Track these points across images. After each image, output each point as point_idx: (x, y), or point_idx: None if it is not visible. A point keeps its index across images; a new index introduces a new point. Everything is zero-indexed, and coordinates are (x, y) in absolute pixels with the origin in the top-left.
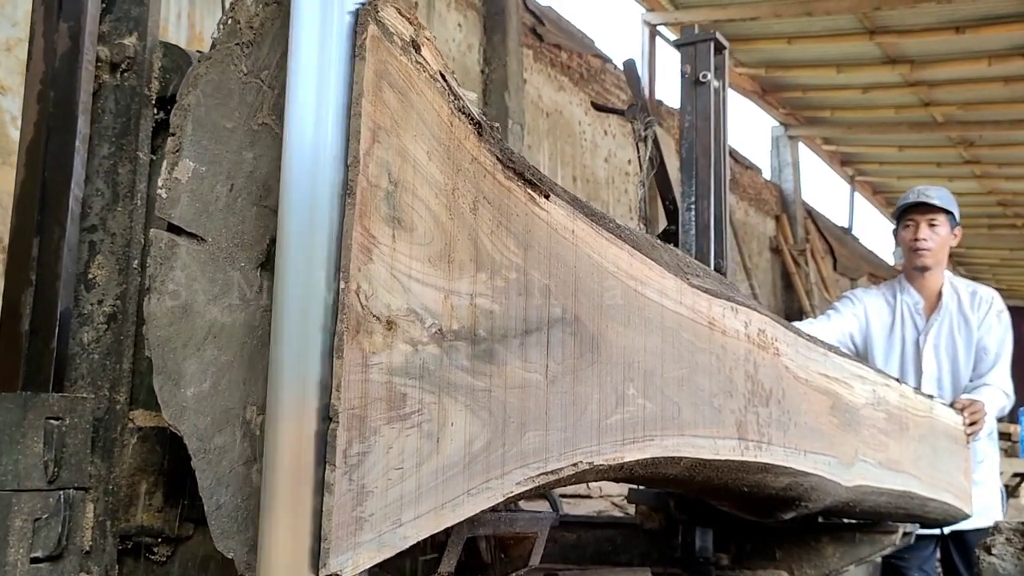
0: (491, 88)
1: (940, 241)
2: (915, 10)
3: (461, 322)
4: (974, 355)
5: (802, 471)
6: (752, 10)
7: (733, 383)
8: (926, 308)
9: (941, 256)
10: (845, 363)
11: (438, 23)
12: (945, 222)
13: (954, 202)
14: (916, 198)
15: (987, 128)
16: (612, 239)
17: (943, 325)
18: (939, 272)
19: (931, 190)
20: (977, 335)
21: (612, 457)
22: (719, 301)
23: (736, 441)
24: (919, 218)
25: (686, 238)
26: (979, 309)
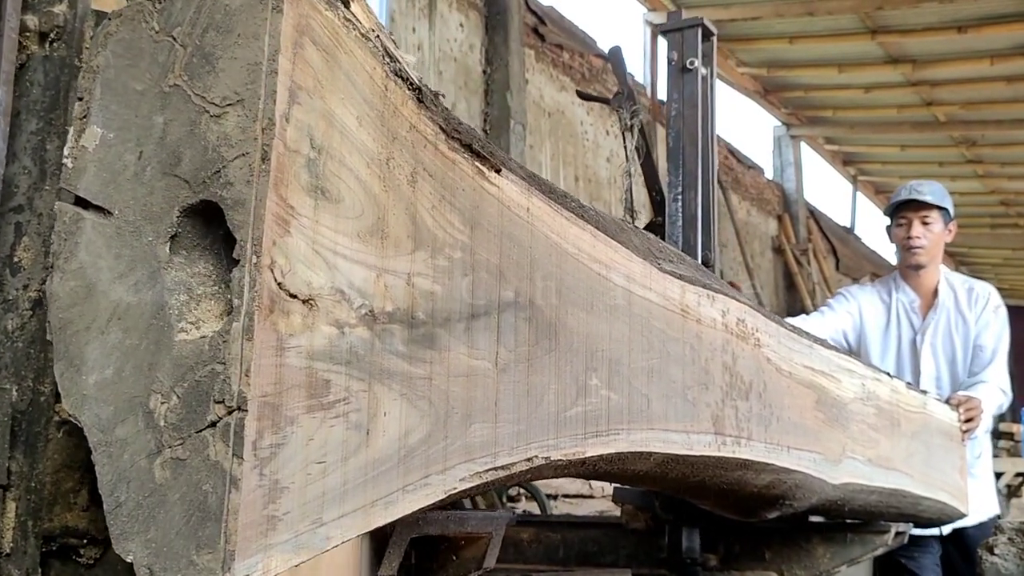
0: (493, 88)
1: (934, 238)
2: (917, 10)
3: (397, 303)
4: (971, 352)
5: (785, 468)
6: (754, 10)
7: (709, 375)
8: (922, 306)
9: (936, 253)
10: (832, 356)
11: (440, 23)
12: (939, 218)
13: (947, 197)
14: (908, 195)
15: (989, 128)
16: (573, 219)
17: (940, 324)
18: (934, 269)
19: (923, 186)
20: (974, 332)
21: (572, 452)
22: (693, 288)
23: (712, 436)
24: (912, 215)
25: (672, 230)
26: (976, 305)
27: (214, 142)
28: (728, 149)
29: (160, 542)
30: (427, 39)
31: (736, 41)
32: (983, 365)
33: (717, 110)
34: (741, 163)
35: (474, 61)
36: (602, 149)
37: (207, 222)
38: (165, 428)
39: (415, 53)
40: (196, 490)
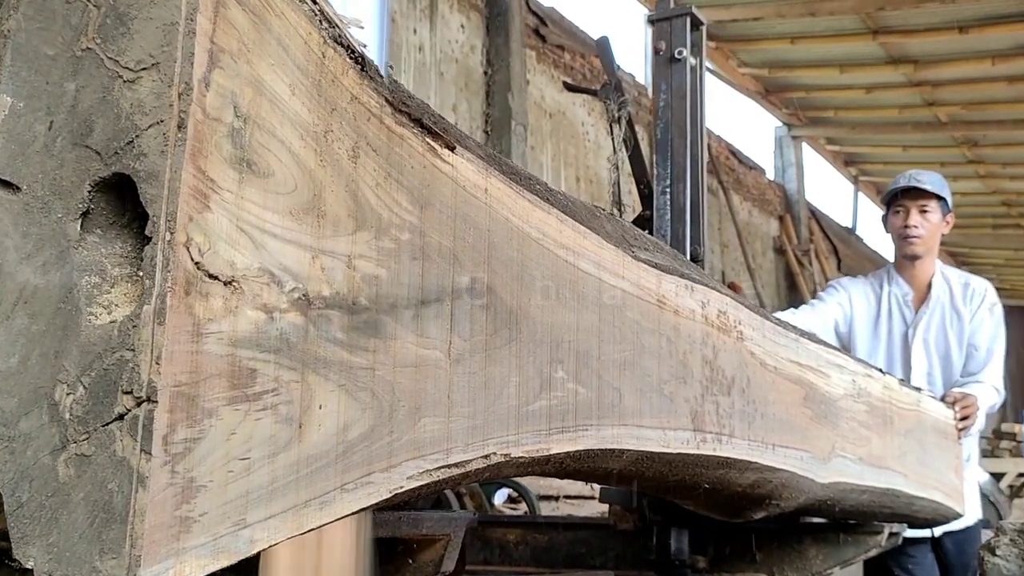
0: (494, 89)
1: (931, 228)
2: (918, 10)
3: (335, 288)
4: (965, 350)
5: (770, 467)
6: (755, 10)
7: (688, 368)
8: (915, 300)
9: (932, 244)
10: (821, 350)
11: (441, 24)
12: (937, 208)
13: (946, 187)
14: (907, 183)
15: (991, 128)
16: (537, 202)
17: (933, 318)
18: (930, 261)
19: (923, 174)
20: (969, 329)
21: (535, 449)
22: (671, 277)
23: (691, 433)
24: (909, 204)
25: (661, 223)
26: (971, 302)
27: (127, 110)
28: (729, 149)
29: (62, 546)
30: (428, 40)
31: (737, 41)
32: (979, 365)
33: (707, 101)
34: (742, 164)
35: (475, 62)
36: (603, 150)
37: (122, 197)
38: (70, 422)
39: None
40: (101, 489)
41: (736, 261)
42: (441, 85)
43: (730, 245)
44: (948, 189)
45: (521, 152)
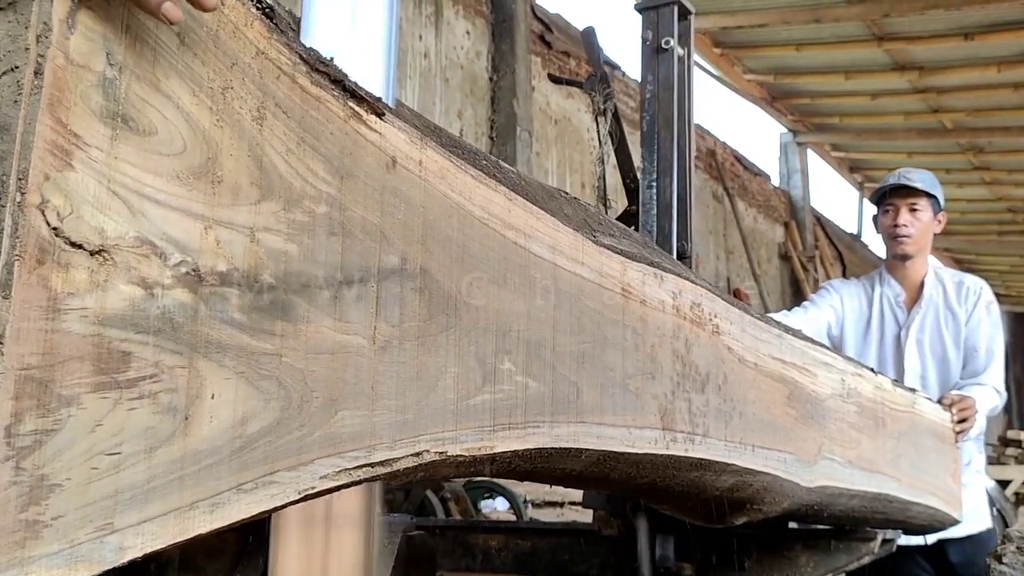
0: (499, 95)
1: (922, 227)
2: (924, 17)
3: (234, 263)
4: (963, 352)
5: (750, 469)
6: (760, 17)
7: (656, 363)
8: (907, 300)
9: (924, 243)
10: (807, 347)
11: (446, 30)
12: (928, 206)
13: (938, 185)
14: (896, 181)
15: (996, 134)
16: (482, 178)
17: (927, 319)
18: (922, 261)
19: (912, 172)
20: (965, 330)
21: (477, 447)
22: (637, 265)
23: (660, 432)
24: (899, 202)
25: (647, 218)
26: (966, 301)
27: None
28: (735, 156)
29: None
30: (434, 46)
31: (743, 48)
32: (979, 366)
33: (695, 93)
34: (748, 170)
35: (480, 68)
36: (609, 156)
37: None
38: None
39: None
40: None
41: (741, 267)
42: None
43: (735, 251)
44: (939, 187)
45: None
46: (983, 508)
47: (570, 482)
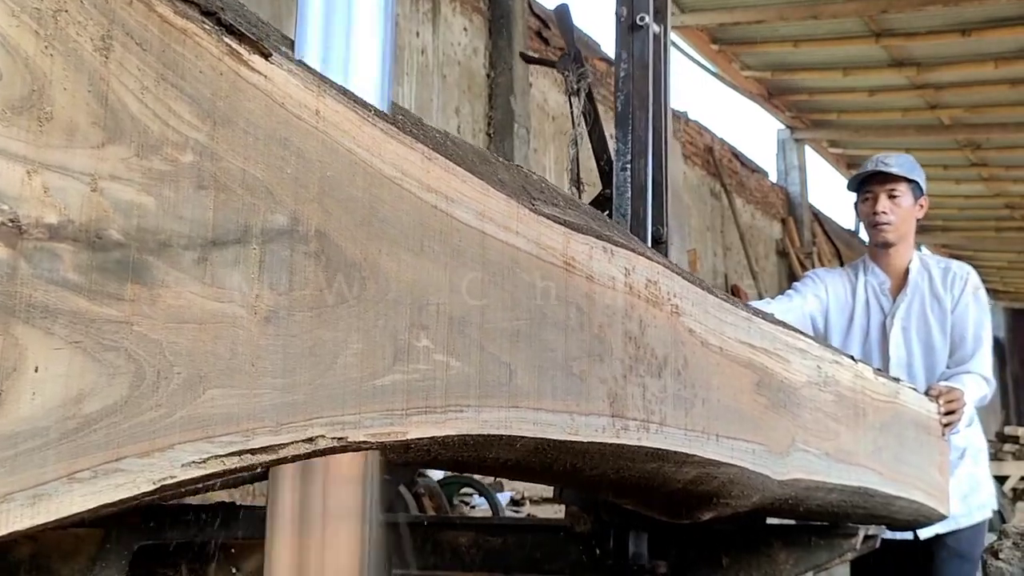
0: (497, 92)
1: (903, 214)
2: (921, 13)
3: (67, 214)
4: (950, 339)
5: (714, 460)
6: (758, 13)
7: (605, 344)
8: (892, 288)
9: (905, 230)
10: (779, 332)
11: (443, 27)
12: (907, 192)
13: (918, 169)
14: (873, 167)
15: (994, 131)
16: (395, 133)
17: (913, 306)
18: (906, 248)
19: (890, 157)
20: (952, 318)
21: (385, 432)
22: (583, 237)
23: (609, 419)
24: (877, 189)
25: (621, 201)
26: (953, 287)
27: None
28: (732, 152)
29: None
30: (431, 43)
31: (740, 45)
32: (967, 354)
33: (671, 72)
34: (745, 166)
35: (478, 65)
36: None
37: None
38: None
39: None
40: None
41: (739, 264)
42: (444, 88)
43: (733, 248)
44: (920, 171)
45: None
46: (988, 496)
47: (509, 473)
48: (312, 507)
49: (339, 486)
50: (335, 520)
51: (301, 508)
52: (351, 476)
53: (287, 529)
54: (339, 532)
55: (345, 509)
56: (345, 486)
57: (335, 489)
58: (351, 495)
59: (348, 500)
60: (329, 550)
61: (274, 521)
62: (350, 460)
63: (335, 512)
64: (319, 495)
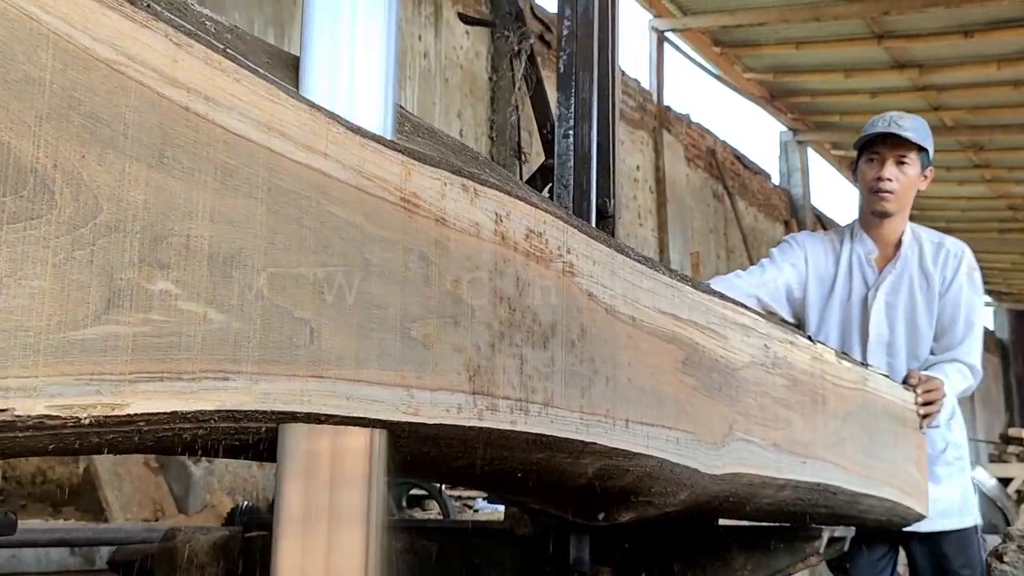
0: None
1: (908, 183)
2: (923, 14)
3: None
4: (937, 321)
5: (622, 450)
6: (760, 15)
7: (463, 304)
8: (879, 260)
9: (906, 201)
10: (713, 304)
11: (446, 31)
12: (916, 161)
13: (930, 135)
14: (886, 127)
15: (996, 132)
16: (119, 5)
17: (901, 280)
18: (901, 219)
19: (905, 119)
20: (942, 301)
21: (85, 404)
22: (432, 171)
23: (468, 397)
24: (887, 153)
25: (562, 171)
26: (945, 265)
27: None
28: (735, 155)
29: None
30: (433, 46)
31: (742, 47)
32: (955, 340)
33: (620, 31)
34: (748, 169)
35: (480, 68)
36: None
37: None
38: None
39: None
40: None
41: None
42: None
43: (736, 250)
44: (931, 138)
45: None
46: (964, 503)
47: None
48: (318, 509)
49: (345, 487)
50: (342, 520)
51: (306, 510)
52: (356, 477)
53: (293, 531)
54: (346, 532)
55: (352, 509)
56: (351, 487)
57: (341, 491)
58: (358, 495)
59: (355, 500)
60: (335, 552)
61: (280, 523)
62: (355, 461)
63: (342, 512)
64: (325, 496)
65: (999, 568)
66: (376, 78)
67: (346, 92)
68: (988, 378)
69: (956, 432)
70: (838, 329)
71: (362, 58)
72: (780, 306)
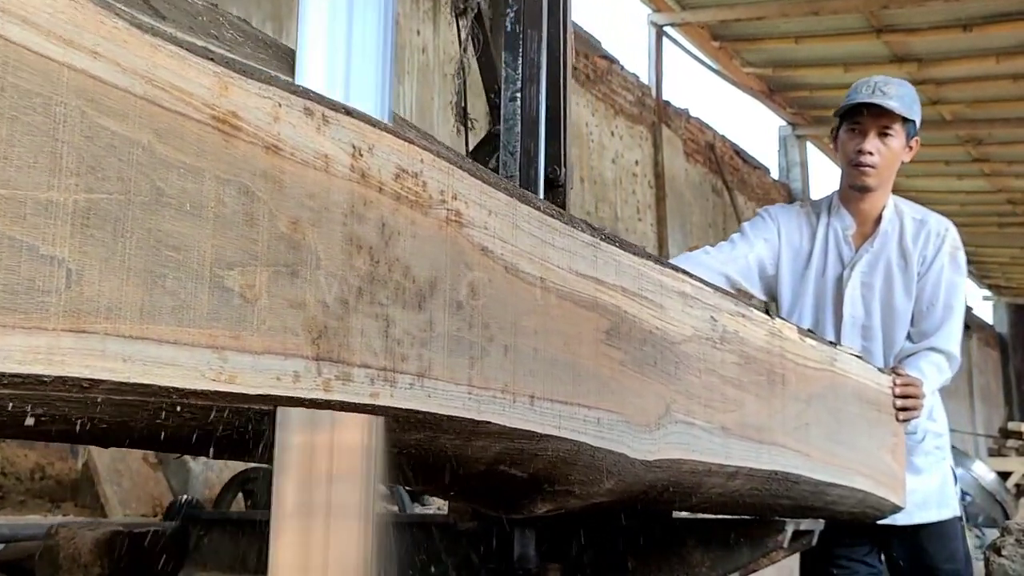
0: None
1: (891, 157)
2: (922, 8)
3: None
4: (915, 303)
5: (526, 431)
6: (759, 10)
7: (304, 252)
8: (857, 236)
9: (889, 175)
10: (647, 269)
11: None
12: (901, 132)
13: (917, 103)
14: (869, 96)
15: (996, 126)
16: None
17: (879, 259)
18: (883, 193)
19: (890, 86)
20: (921, 282)
21: None
22: (261, 87)
23: (309, 363)
24: (869, 124)
25: (508, 137)
26: (926, 244)
27: None
28: (734, 149)
29: None
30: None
31: (741, 41)
32: (933, 325)
33: None
34: (747, 163)
35: None
36: (607, 150)
37: None
38: None
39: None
40: None
41: None
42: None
43: None
44: (918, 106)
45: None
46: (944, 495)
47: (98, 440)
48: (315, 504)
49: (342, 483)
50: (339, 515)
51: (304, 505)
52: (354, 473)
53: (290, 526)
54: (343, 528)
55: (349, 505)
56: (348, 483)
57: (338, 486)
58: (355, 490)
59: (352, 495)
60: (333, 548)
61: (277, 518)
62: (353, 456)
63: (339, 507)
64: (322, 492)
65: (997, 562)
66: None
67: (342, 84)
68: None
69: (936, 421)
70: (812, 309)
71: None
72: (752, 284)
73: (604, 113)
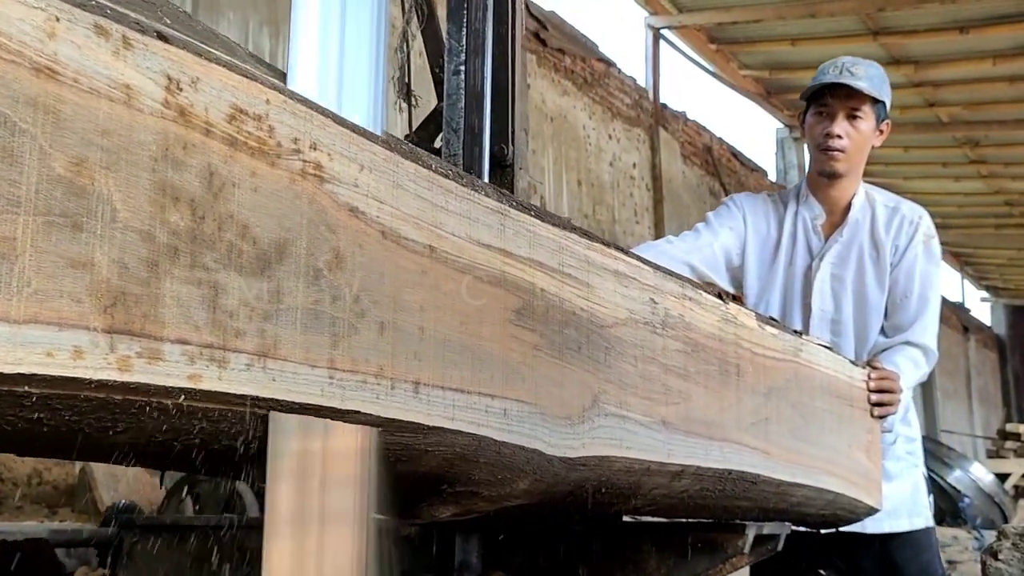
0: None
1: (860, 141)
2: (919, 11)
3: None
4: (888, 295)
5: (408, 422)
6: (756, 12)
7: (90, 199)
8: (826, 225)
9: (859, 160)
10: (570, 241)
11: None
12: (871, 114)
13: (886, 83)
14: (837, 76)
15: (992, 128)
16: None
17: (849, 250)
18: (853, 180)
19: (859, 66)
20: (894, 272)
21: None
22: None
23: (94, 335)
24: (837, 106)
25: (452, 113)
26: (899, 233)
27: None
28: (731, 151)
29: None
30: None
31: (738, 44)
32: (907, 318)
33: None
34: (744, 165)
35: None
36: (605, 153)
37: None
38: None
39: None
40: None
41: None
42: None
43: None
44: (888, 87)
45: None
46: (915, 503)
47: None
48: (309, 510)
49: (336, 488)
50: (333, 522)
51: (298, 511)
52: (348, 478)
53: (283, 532)
54: (337, 534)
55: (344, 511)
56: (344, 488)
57: (332, 491)
58: (350, 496)
59: (347, 502)
60: (327, 554)
61: (270, 524)
62: (348, 461)
63: (333, 513)
64: (316, 497)
65: (994, 566)
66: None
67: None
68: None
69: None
70: (779, 302)
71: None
72: (718, 274)
73: (601, 116)
